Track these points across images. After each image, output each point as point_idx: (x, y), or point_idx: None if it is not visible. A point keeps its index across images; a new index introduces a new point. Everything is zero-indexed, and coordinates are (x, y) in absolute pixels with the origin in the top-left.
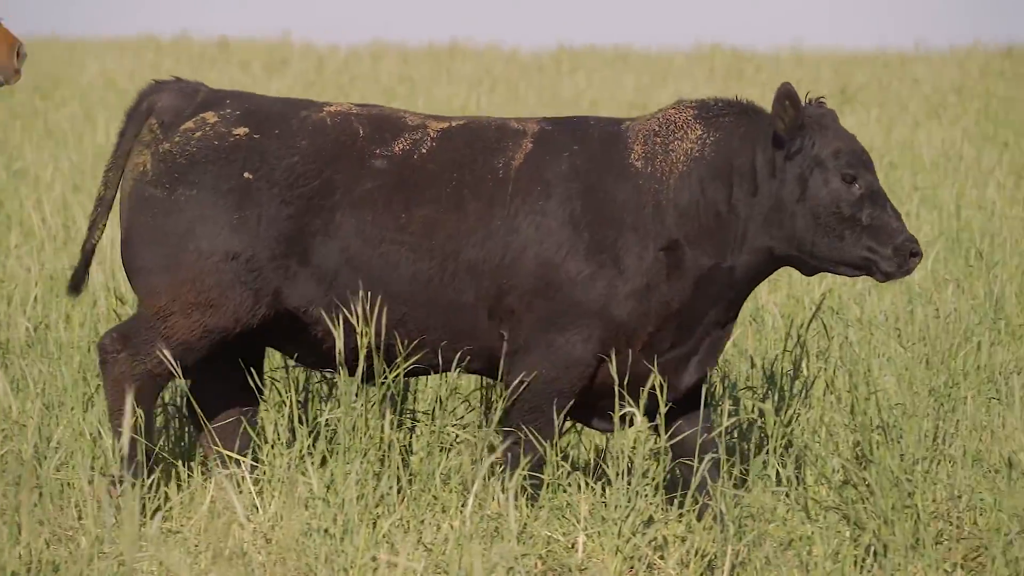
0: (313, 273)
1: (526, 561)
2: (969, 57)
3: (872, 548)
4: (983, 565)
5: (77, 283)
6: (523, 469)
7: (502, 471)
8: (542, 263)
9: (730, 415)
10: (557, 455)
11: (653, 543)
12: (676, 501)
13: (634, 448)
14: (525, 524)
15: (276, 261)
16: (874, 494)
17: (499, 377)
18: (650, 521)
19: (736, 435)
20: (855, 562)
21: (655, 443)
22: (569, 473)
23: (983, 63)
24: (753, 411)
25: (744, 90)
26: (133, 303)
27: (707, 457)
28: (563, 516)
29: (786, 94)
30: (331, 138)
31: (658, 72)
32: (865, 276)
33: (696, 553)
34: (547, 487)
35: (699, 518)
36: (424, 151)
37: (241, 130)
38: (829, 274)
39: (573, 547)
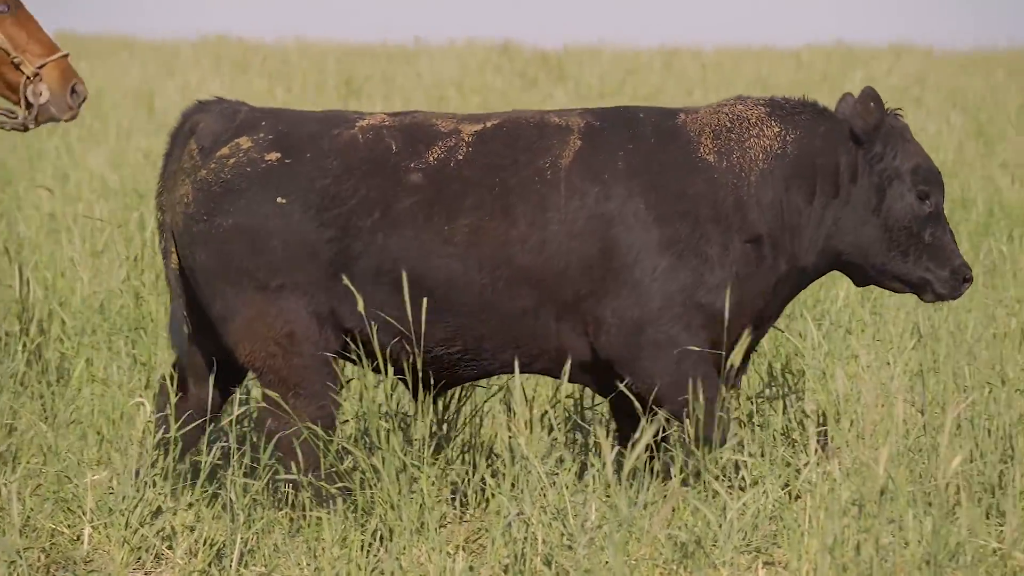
0: (360, 291)
1: (28, 555)
2: (468, 52)
3: (379, 533)
4: (483, 547)
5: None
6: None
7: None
8: (616, 265)
9: (241, 404)
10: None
11: (161, 533)
12: (185, 491)
13: (143, 439)
14: (28, 517)
15: (324, 283)
16: (382, 480)
17: (569, 376)
18: (159, 512)
19: (247, 424)
20: (362, 546)
21: (164, 433)
22: (78, 463)
23: (481, 58)
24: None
25: (251, 81)
26: None
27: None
28: (69, 508)
29: (871, 95)
30: (362, 156)
31: (164, 62)
32: (911, 293)
33: (205, 542)
34: (57, 479)
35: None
36: (461, 157)
37: (273, 155)
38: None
39: (79, 539)
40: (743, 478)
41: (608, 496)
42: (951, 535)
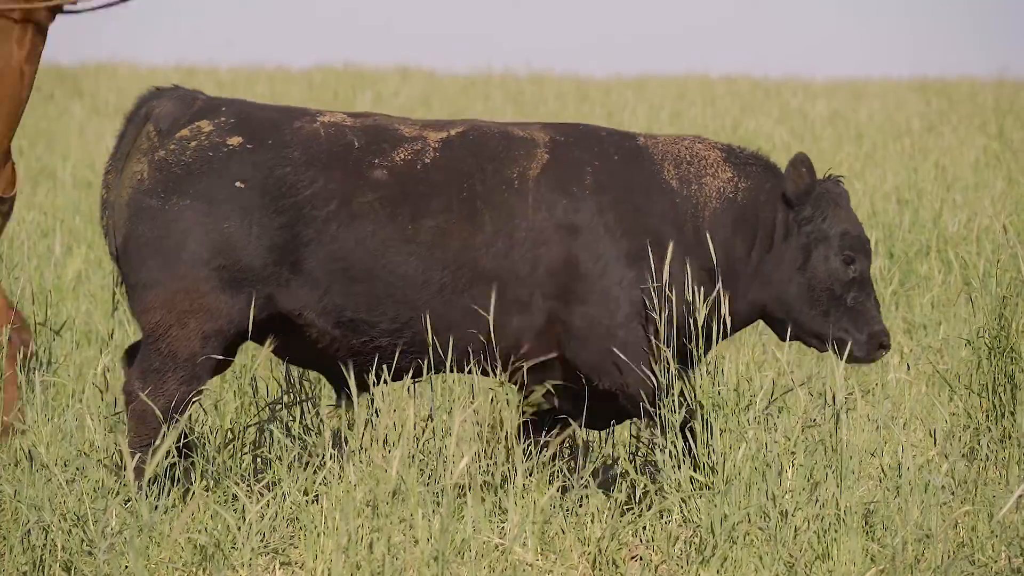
0: (306, 280)
1: None
2: None
3: None
4: (1, 554)
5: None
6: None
7: None
8: (582, 273)
9: None
10: None
11: None
12: None
13: None
14: None
15: (268, 269)
16: None
17: (507, 376)
18: None
19: None
20: None
21: None
22: None
23: None
24: None
25: None
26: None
27: None
28: None
29: (803, 161)
30: (324, 148)
31: None
32: (830, 352)
33: None
34: None
35: None
36: (427, 161)
37: (235, 139)
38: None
39: None
40: (267, 483)
41: (129, 502)
42: (458, 532)
